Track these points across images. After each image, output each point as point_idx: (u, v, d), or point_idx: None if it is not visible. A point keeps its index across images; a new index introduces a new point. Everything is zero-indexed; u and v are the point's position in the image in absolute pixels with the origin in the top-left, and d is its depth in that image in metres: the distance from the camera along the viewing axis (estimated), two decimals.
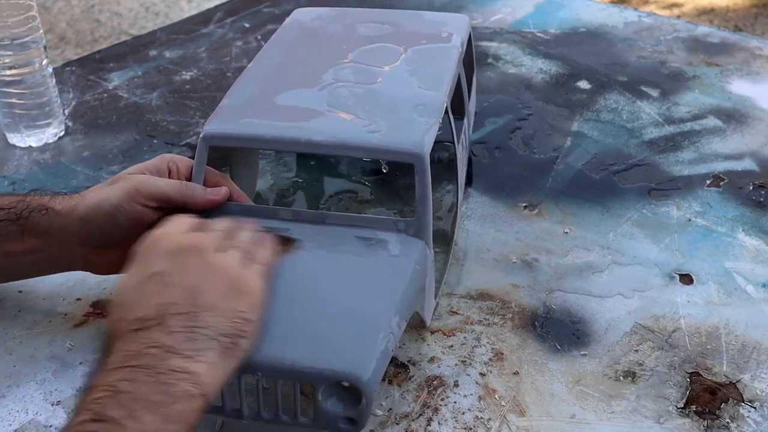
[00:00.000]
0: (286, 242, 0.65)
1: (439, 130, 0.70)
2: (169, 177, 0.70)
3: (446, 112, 0.73)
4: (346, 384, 0.56)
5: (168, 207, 0.67)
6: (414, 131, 0.68)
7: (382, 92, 0.74)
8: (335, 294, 0.61)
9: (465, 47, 0.86)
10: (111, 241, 0.66)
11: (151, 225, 0.62)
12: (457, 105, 0.81)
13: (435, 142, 0.68)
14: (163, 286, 0.54)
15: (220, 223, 0.62)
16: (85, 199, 0.67)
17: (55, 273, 0.71)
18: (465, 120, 0.87)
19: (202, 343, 0.52)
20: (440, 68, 0.78)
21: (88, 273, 0.71)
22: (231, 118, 0.71)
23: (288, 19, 0.90)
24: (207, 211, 0.68)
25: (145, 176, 0.68)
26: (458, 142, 0.77)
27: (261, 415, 0.58)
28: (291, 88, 0.75)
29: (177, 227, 0.59)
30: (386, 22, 0.87)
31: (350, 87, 0.75)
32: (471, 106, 0.94)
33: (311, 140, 0.68)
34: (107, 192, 0.66)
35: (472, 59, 0.94)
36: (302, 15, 0.90)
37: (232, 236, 0.60)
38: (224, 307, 0.54)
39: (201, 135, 0.69)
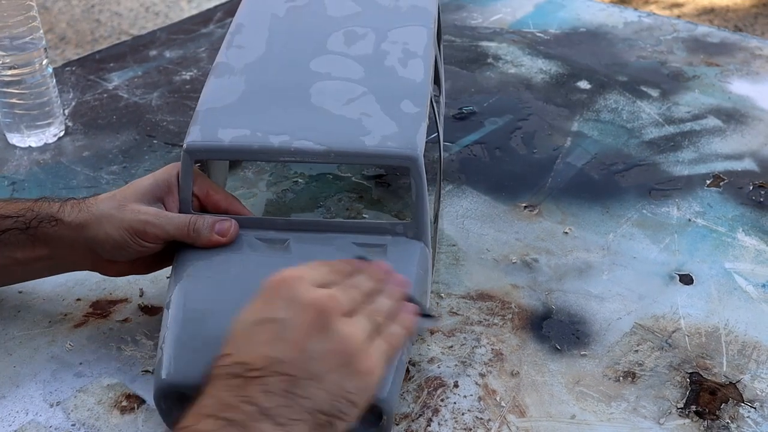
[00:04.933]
0: (427, 317, 0.60)
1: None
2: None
3: (430, 100, 0.71)
4: None
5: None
6: (405, 131, 0.66)
7: (365, 85, 0.71)
8: None
9: (437, 24, 0.83)
10: (121, 260, 0.68)
11: (158, 254, 0.67)
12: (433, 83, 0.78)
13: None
14: (275, 337, 0.51)
15: (363, 282, 0.56)
16: (93, 217, 0.65)
17: (63, 273, 0.72)
18: (441, 99, 0.85)
19: (297, 413, 0.49)
20: (419, 51, 0.75)
21: (89, 273, 0.71)
22: (212, 125, 0.67)
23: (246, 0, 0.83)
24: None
25: (153, 213, 0.65)
26: (440, 125, 0.76)
27: None
28: (270, 85, 0.71)
29: (312, 275, 0.54)
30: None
31: (332, 81, 0.71)
32: (442, 83, 0.93)
33: (300, 149, 0.65)
34: (114, 224, 0.65)
35: (440, 35, 0.91)
36: None
37: (370, 300, 0.55)
38: (332, 381, 0.50)
39: (183, 148, 0.66)
